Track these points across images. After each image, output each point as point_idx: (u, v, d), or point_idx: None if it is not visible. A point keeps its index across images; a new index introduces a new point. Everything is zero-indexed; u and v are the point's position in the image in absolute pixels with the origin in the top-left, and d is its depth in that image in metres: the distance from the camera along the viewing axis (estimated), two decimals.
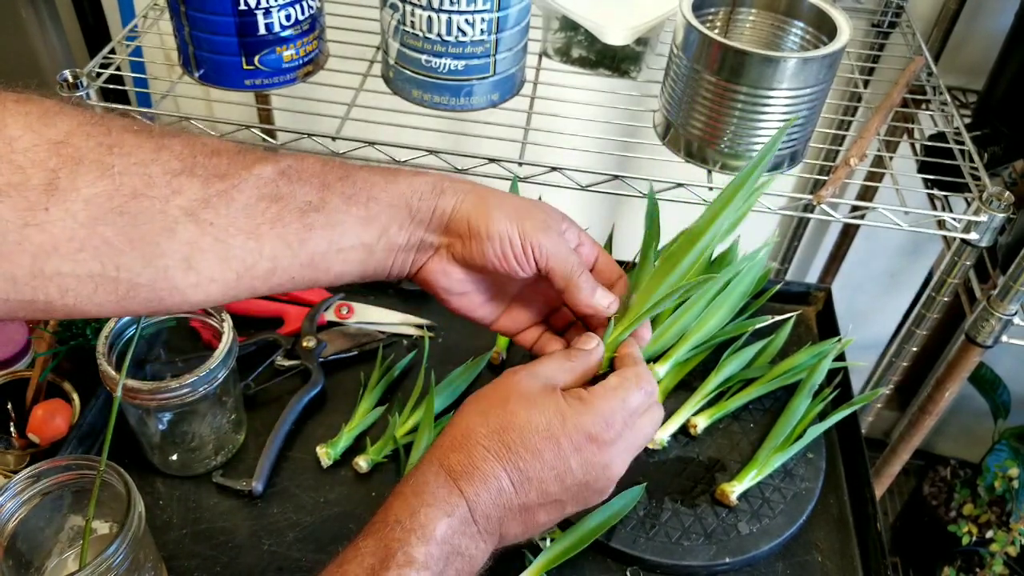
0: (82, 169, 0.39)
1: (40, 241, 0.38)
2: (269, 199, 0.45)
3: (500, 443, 0.47)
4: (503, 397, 0.49)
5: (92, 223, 0.39)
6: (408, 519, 0.45)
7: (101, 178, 0.40)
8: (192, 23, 0.73)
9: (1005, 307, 0.77)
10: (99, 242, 0.40)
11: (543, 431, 0.48)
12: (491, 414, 0.48)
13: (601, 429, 0.49)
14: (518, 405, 0.48)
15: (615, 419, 0.49)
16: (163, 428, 0.68)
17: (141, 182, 0.41)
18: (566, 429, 0.48)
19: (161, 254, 0.42)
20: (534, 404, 0.49)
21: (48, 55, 1.17)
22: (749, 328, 0.80)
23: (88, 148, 0.40)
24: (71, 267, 0.40)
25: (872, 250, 1.33)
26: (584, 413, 0.49)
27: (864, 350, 1.27)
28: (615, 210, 1.29)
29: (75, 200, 0.39)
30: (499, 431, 0.48)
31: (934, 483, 1.48)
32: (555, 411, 0.48)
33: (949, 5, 1.04)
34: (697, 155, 0.74)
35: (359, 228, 0.48)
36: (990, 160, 0.88)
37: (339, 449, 0.72)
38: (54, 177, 0.38)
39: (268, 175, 0.45)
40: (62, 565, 0.62)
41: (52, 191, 0.38)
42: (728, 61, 0.67)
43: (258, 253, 0.45)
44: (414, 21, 0.72)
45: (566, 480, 0.48)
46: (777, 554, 0.68)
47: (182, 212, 0.42)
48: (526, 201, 0.53)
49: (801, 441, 0.73)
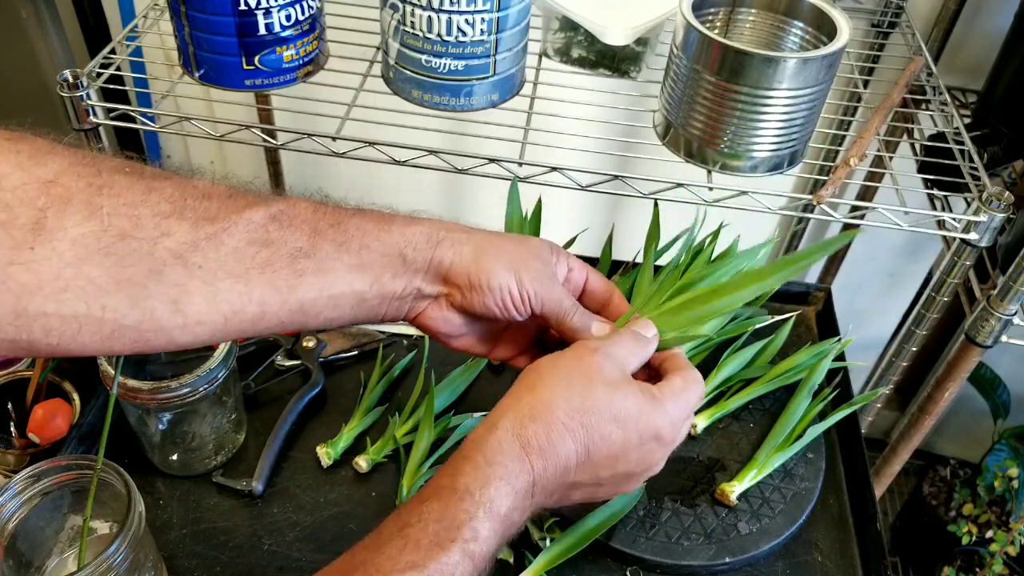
0: (70, 209, 0.39)
1: (24, 280, 0.38)
2: (259, 244, 0.45)
3: (579, 423, 0.48)
4: (588, 377, 0.49)
5: (78, 263, 0.39)
6: (479, 491, 0.45)
7: (89, 218, 0.39)
8: (192, 23, 0.74)
9: (1005, 307, 0.77)
10: (84, 282, 0.39)
11: (621, 419, 0.49)
12: (574, 390, 0.49)
13: (667, 429, 0.51)
14: (603, 389, 0.49)
15: (679, 420, 0.52)
16: (163, 428, 0.68)
17: (129, 223, 0.40)
18: (639, 423, 0.49)
19: (148, 296, 0.41)
20: (617, 390, 0.49)
21: (48, 55, 1.17)
22: (749, 328, 0.80)
23: (78, 188, 0.39)
24: (55, 307, 0.39)
25: (872, 250, 1.33)
26: (657, 411, 0.50)
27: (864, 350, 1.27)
28: (615, 210, 1.29)
29: (62, 239, 0.39)
30: (581, 411, 0.48)
31: (934, 483, 1.48)
32: (635, 402, 0.49)
33: (949, 5, 1.04)
34: (697, 155, 0.74)
35: (350, 275, 0.48)
36: (990, 160, 0.88)
37: (339, 449, 0.72)
38: (41, 216, 0.38)
39: (258, 220, 0.45)
40: (62, 565, 0.62)
41: (39, 230, 0.38)
42: (728, 61, 0.67)
43: (247, 297, 0.45)
44: (414, 21, 0.72)
45: (618, 468, 0.50)
46: (777, 554, 0.68)
47: (170, 254, 0.42)
48: (522, 247, 0.54)
49: (801, 441, 0.73)
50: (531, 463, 0.47)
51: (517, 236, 0.56)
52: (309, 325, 0.49)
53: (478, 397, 0.78)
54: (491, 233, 0.54)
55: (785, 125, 0.70)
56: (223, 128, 0.78)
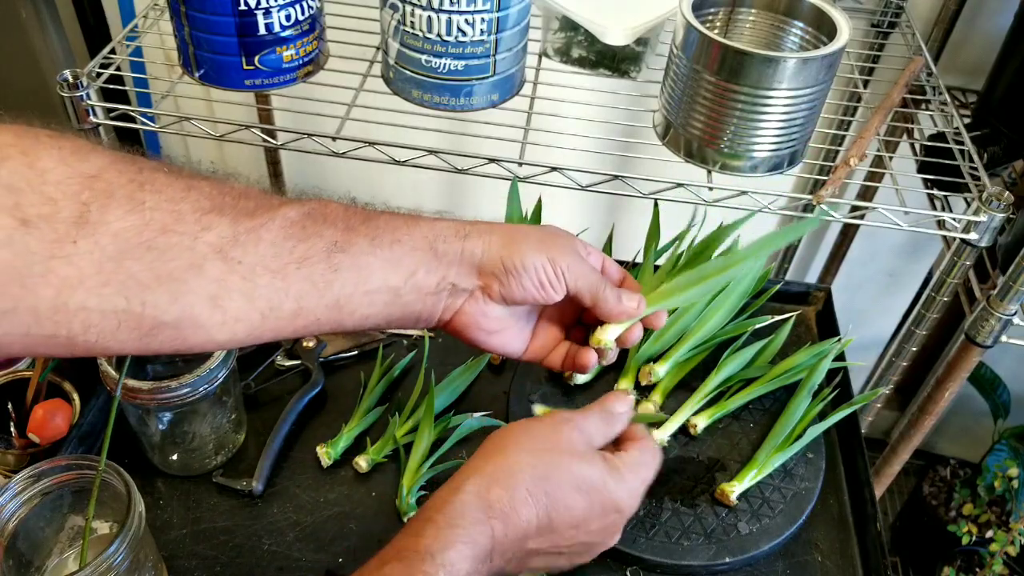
0: (113, 203, 0.39)
1: (66, 274, 0.38)
2: (296, 239, 0.45)
3: (543, 491, 0.49)
4: (554, 445, 0.51)
5: (120, 257, 0.39)
6: (440, 553, 0.45)
7: (131, 212, 0.40)
8: (192, 23, 0.74)
9: (1005, 307, 0.77)
10: (125, 276, 0.40)
11: (584, 489, 0.50)
12: (541, 458, 0.50)
13: (627, 500, 0.52)
14: (569, 458, 0.50)
15: (636, 491, 0.53)
16: (163, 428, 0.68)
17: (171, 218, 0.41)
18: (603, 494, 0.50)
19: (188, 291, 0.42)
20: (583, 461, 0.51)
21: (48, 55, 1.16)
22: (749, 328, 0.80)
23: (120, 184, 0.40)
24: (96, 302, 0.39)
25: (872, 250, 1.33)
26: (620, 483, 0.51)
27: (864, 350, 1.27)
28: (615, 210, 1.29)
29: (104, 233, 0.39)
30: (545, 478, 0.49)
31: (934, 483, 1.48)
32: (600, 476, 0.51)
33: (949, 5, 1.04)
34: (697, 155, 0.74)
35: (385, 270, 0.49)
36: (990, 160, 0.88)
37: (339, 449, 0.72)
38: (85, 210, 0.38)
39: (294, 216, 0.46)
40: (62, 565, 0.62)
41: (82, 224, 0.38)
42: (728, 61, 0.67)
43: (284, 293, 0.45)
44: (414, 21, 0.72)
45: (579, 538, 0.51)
46: (777, 554, 0.68)
47: (211, 249, 0.42)
48: (543, 230, 0.56)
49: (801, 441, 0.73)
50: (492, 527, 0.47)
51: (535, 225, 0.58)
52: (345, 324, 0.49)
53: (478, 397, 0.78)
54: (511, 224, 0.56)
55: (785, 125, 0.70)
56: (223, 128, 0.78)
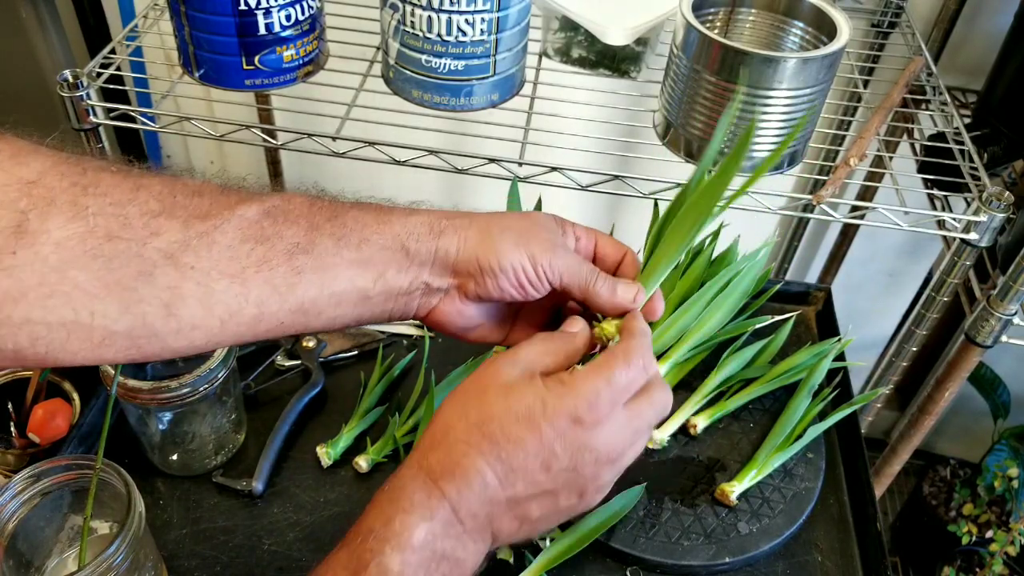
0: (54, 210, 0.37)
1: (6, 287, 0.36)
2: (254, 240, 0.43)
3: (480, 435, 0.45)
4: (481, 388, 0.47)
5: (63, 267, 0.37)
6: (382, 528, 0.43)
7: (74, 219, 0.37)
8: (192, 23, 0.74)
9: (1005, 307, 0.77)
10: (71, 287, 0.38)
11: (524, 418, 0.45)
12: (470, 406, 0.46)
13: (584, 411, 0.46)
14: (496, 395, 0.46)
15: (600, 399, 0.46)
16: (163, 428, 0.68)
17: (117, 223, 0.38)
18: (547, 414, 0.45)
19: (139, 300, 0.40)
20: (512, 391, 0.46)
21: (48, 55, 1.16)
22: (749, 328, 0.80)
23: (61, 188, 0.37)
24: (41, 314, 0.37)
25: (872, 250, 1.33)
26: (565, 395, 0.46)
27: (864, 350, 1.27)
28: (615, 210, 1.29)
29: (45, 243, 0.37)
30: (479, 423, 0.45)
31: (934, 483, 1.48)
32: (535, 396, 0.46)
33: (949, 5, 1.04)
34: (697, 155, 0.74)
35: (352, 271, 0.46)
36: (990, 160, 0.88)
37: (339, 449, 0.72)
38: (23, 219, 0.36)
39: (252, 215, 0.43)
40: (62, 565, 0.62)
41: (21, 234, 0.36)
42: (728, 61, 0.67)
43: (243, 298, 0.43)
44: (414, 21, 0.72)
45: (552, 467, 0.46)
46: (777, 554, 0.68)
47: (161, 255, 0.40)
48: (526, 220, 0.51)
49: (801, 441, 0.73)
50: (441, 489, 0.44)
51: (519, 212, 0.53)
52: (312, 326, 0.47)
53: None
54: (493, 213, 0.51)
55: (785, 125, 0.70)
56: (223, 128, 0.78)
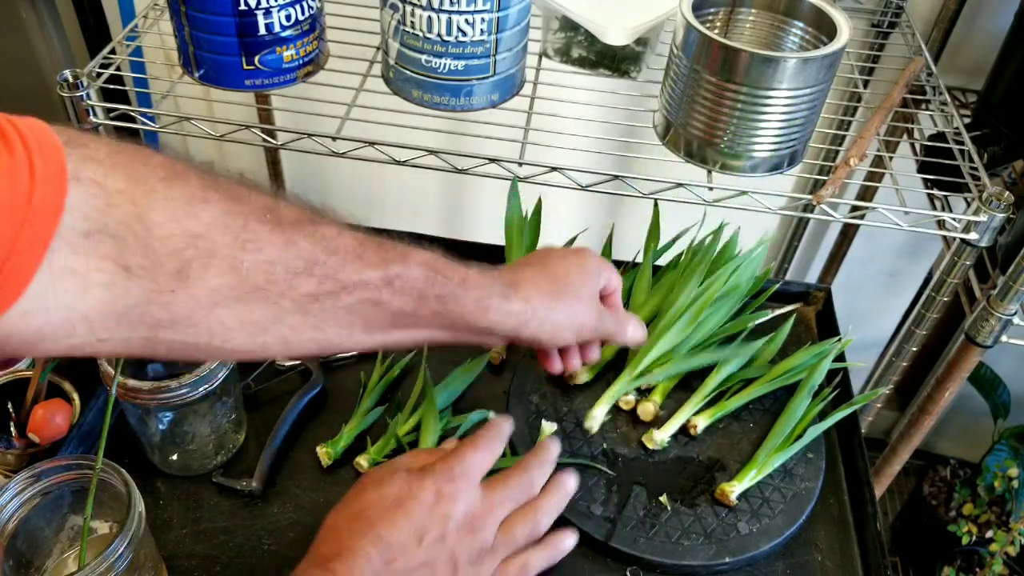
0: (214, 263, 0.41)
1: (160, 317, 0.41)
2: (370, 303, 0.48)
3: (360, 521, 0.52)
4: (359, 489, 0.55)
5: (212, 307, 0.42)
6: None
7: (229, 271, 0.42)
8: (192, 23, 0.74)
9: (1005, 307, 0.77)
10: (213, 322, 0.42)
11: (395, 500, 0.53)
12: (349, 504, 0.54)
13: (444, 485, 0.54)
14: (371, 489, 0.54)
15: (455, 474, 0.55)
16: (163, 428, 0.68)
17: (264, 278, 0.43)
18: (412, 493, 0.53)
19: (264, 333, 0.45)
20: (383, 482, 0.54)
21: (48, 55, 1.17)
22: (749, 324, 0.80)
23: (224, 243, 0.41)
24: (182, 337, 0.42)
25: (872, 250, 1.33)
26: (426, 476, 0.54)
27: (864, 350, 1.27)
28: (615, 210, 1.29)
29: (201, 287, 0.41)
30: (358, 513, 0.53)
31: (934, 483, 1.48)
32: (403, 482, 0.54)
33: (949, 5, 1.04)
34: (697, 155, 0.74)
35: (439, 332, 0.54)
36: (990, 160, 0.88)
37: (339, 449, 0.72)
38: (186, 266, 0.40)
39: (375, 282, 0.48)
40: (62, 565, 0.62)
41: (182, 278, 0.40)
42: (728, 61, 0.67)
43: (346, 338, 0.49)
44: (414, 21, 0.72)
45: (424, 539, 0.52)
46: (777, 554, 0.68)
47: (293, 304, 0.45)
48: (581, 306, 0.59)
49: (801, 441, 0.73)
50: (333, 570, 0.49)
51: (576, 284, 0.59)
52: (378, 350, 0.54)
53: (478, 397, 0.78)
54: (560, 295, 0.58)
55: (785, 125, 0.70)
56: (223, 128, 0.78)
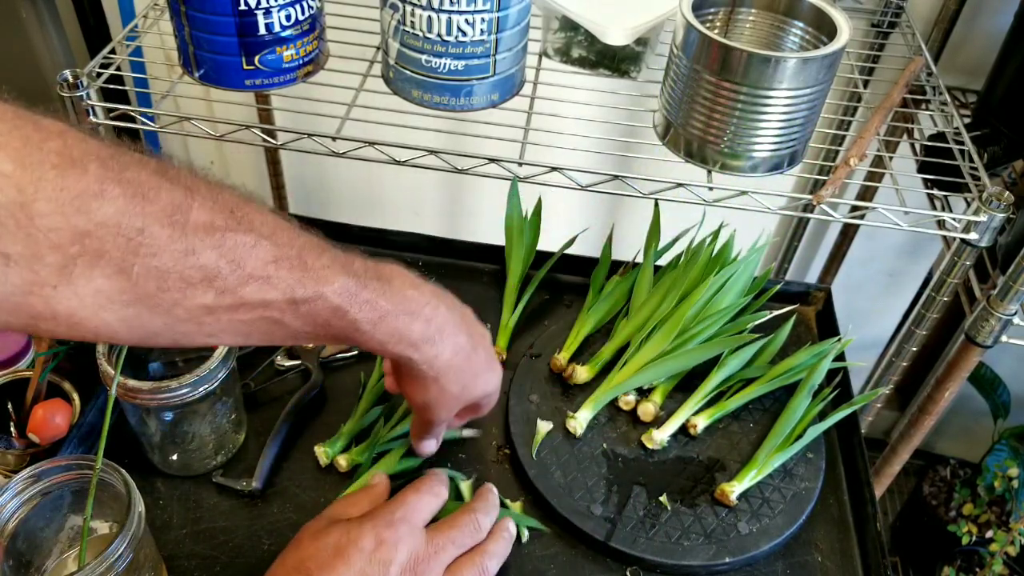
0: (102, 263, 0.38)
1: (40, 309, 0.38)
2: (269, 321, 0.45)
3: (300, 572, 0.52)
4: (296, 541, 0.56)
5: (97, 309, 0.39)
6: None
7: (118, 275, 0.39)
8: (192, 23, 0.74)
9: (1005, 307, 0.77)
10: (99, 324, 0.40)
11: (333, 549, 0.53)
12: (287, 556, 0.54)
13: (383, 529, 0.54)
14: (309, 540, 0.55)
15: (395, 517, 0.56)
16: (163, 428, 0.68)
17: (156, 286, 0.40)
18: (351, 539, 0.53)
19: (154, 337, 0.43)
20: (321, 533, 0.55)
21: (48, 55, 1.17)
22: (748, 324, 0.80)
23: (115, 245, 0.38)
24: (66, 332, 0.40)
25: (872, 250, 1.33)
26: (365, 522, 0.55)
27: (864, 350, 1.27)
28: (615, 210, 1.29)
29: (85, 288, 0.38)
30: (296, 566, 0.53)
31: (934, 483, 1.48)
32: (341, 531, 0.54)
33: (949, 5, 1.04)
34: (697, 155, 0.74)
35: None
36: (990, 160, 0.88)
37: (337, 448, 0.72)
38: (71, 263, 0.38)
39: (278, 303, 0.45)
40: (62, 565, 0.62)
41: (65, 275, 0.38)
42: (728, 61, 0.67)
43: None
44: (414, 21, 0.72)
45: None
46: (777, 554, 0.68)
47: (187, 315, 0.42)
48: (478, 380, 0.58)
49: (801, 441, 0.73)
50: None
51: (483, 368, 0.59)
52: None
53: None
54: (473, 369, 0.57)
55: (785, 125, 0.70)
56: (223, 128, 0.78)
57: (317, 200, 1.39)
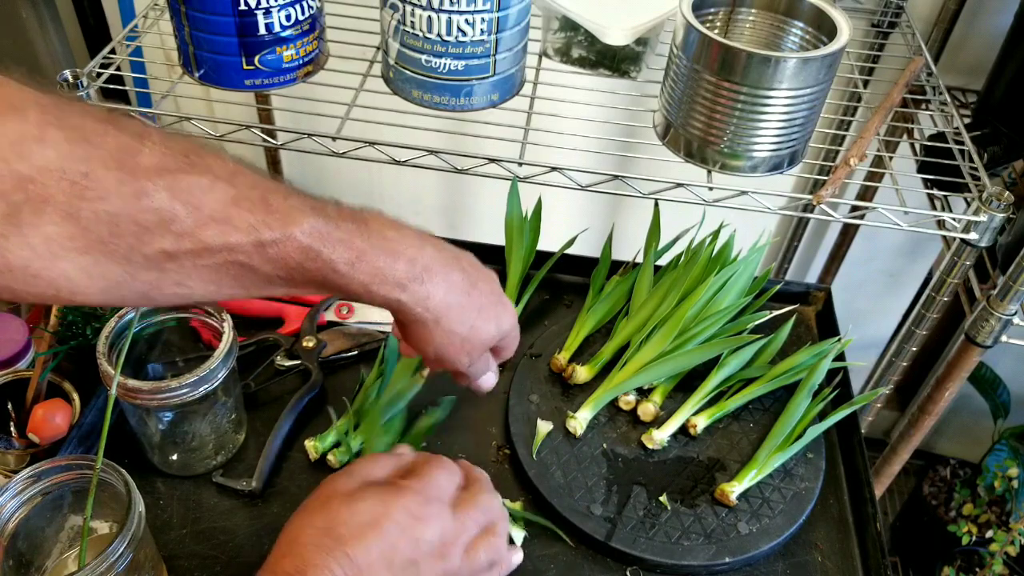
0: (48, 209, 0.37)
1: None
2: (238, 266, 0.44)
3: (328, 538, 0.49)
4: (324, 499, 0.52)
5: (52, 258, 0.38)
6: None
7: (66, 220, 0.37)
8: (192, 23, 0.74)
9: (1005, 307, 0.77)
10: (57, 275, 0.38)
11: (368, 519, 0.50)
12: (315, 516, 0.51)
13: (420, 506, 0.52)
14: (340, 502, 0.51)
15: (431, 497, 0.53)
16: (163, 428, 0.68)
17: (107, 231, 0.39)
18: (388, 512, 0.51)
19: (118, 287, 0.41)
20: (354, 497, 0.52)
21: (48, 55, 1.16)
22: (748, 324, 0.80)
23: (59, 190, 0.37)
24: (23, 287, 0.38)
25: (872, 250, 1.33)
26: (402, 496, 0.52)
27: (864, 350, 1.27)
28: (615, 210, 1.29)
29: (35, 235, 0.37)
30: (326, 528, 0.50)
31: (934, 483, 1.48)
32: (377, 499, 0.51)
33: (949, 5, 1.04)
34: (697, 155, 0.74)
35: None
36: (990, 160, 0.88)
37: (327, 444, 0.72)
38: (16, 211, 0.36)
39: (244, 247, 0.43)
40: (62, 565, 0.62)
41: (12, 223, 0.37)
42: (728, 61, 0.67)
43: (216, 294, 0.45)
44: (414, 21, 0.72)
45: (394, 562, 0.50)
46: (777, 554, 0.68)
47: (146, 261, 0.41)
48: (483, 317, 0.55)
49: (801, 441, 0.73)
50: None
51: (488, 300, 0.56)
52: None
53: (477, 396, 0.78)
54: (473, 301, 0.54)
55: (785, 125, 0.70)
56: (223, 128, 0.78)
57: None
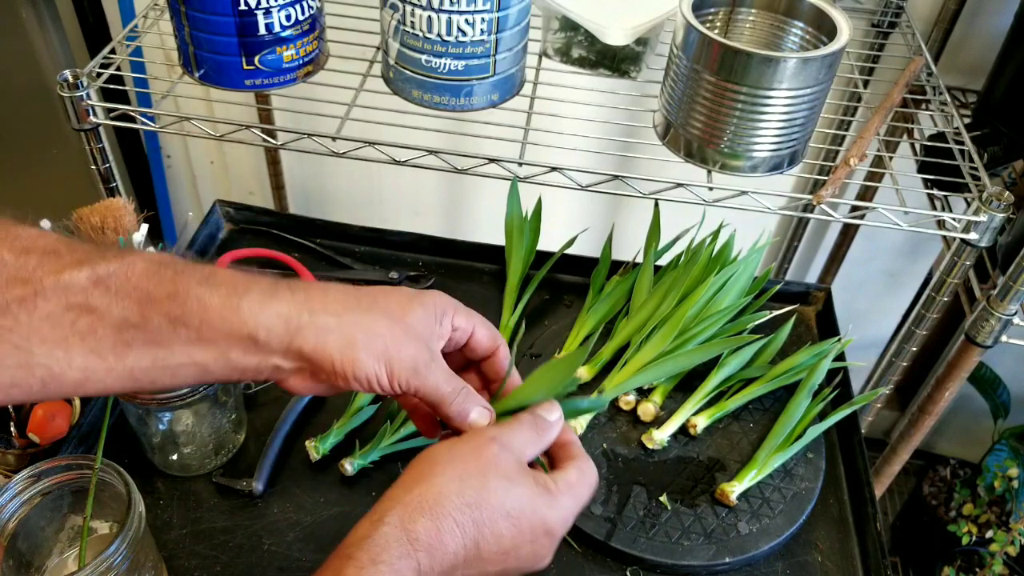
0: None
1: None
2: (79, 310, 0.40)
3: (471, 519, 0.46)
4: (483, 470, 0.48)
5: None
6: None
7: None
8: (192, 23, 0.74)
9: (1005, 307, 0.77)
10: None
11: (515, 515, 0.47)
12: (468, 485, 0.47)
13: (559, 525, 0.49)
14: (497, 482, 0.47)
15: (571, 514, 0.50)
16: (163, 428, 0.68)
17: None
18: (533, 519, 0.48)
19: None
20: (512, 485, 0.48)
21: (48, 55, 1.17)
22: (748, 324, 0.80)
23: None
24: None
25: (872, 250, 1.33)
26: (552, 506, 0.49)
27: (864, 350, 1.27)
28: (615, 210, 1.29)
29: None
30: (473, 506, 0.46)
31: (934, 483, 1.48)
32: (529, 497, 0.48)
33: (949, 5, 1.04)
34: (697, 155, 0.74)
35: (189, 348, 0.44)
36: (990, 160, 0.88)
37: (328, 445, 0.72)
38: None
39: (80, 284, 0.40)
40: (62, 565, 0.62)
41: None
42: (728, 61, 0.67)
43: (66, 364, 0.41)
44: (414, 21, 0.72)
45: (508, 564, 0.48)
46: (777, 554, 0.68)
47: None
48: (396, 326, 0.49)
49: (801, 441, 0.73)
50: (418, 560, 0.44)
51: (396, 310, 0.51)
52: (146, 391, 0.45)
53: None
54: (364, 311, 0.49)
55: (785, 125, 0.70)
56: (223, 128, 0.78)
57: (317, 200, 1.39)
